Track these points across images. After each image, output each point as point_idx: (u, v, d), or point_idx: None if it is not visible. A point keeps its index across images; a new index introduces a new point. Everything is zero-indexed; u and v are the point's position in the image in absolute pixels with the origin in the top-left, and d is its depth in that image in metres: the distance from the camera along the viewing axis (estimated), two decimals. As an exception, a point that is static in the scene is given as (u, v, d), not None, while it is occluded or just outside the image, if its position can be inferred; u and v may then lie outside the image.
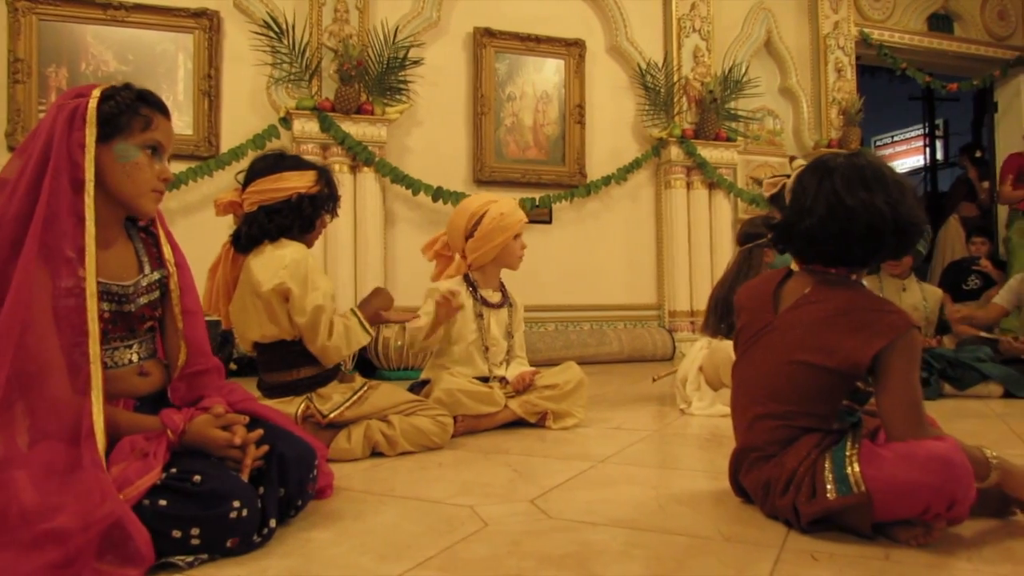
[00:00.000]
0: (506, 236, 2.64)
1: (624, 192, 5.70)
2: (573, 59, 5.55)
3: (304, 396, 2.13)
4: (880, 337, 1.34)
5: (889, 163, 1.46)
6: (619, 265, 5.68)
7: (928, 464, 1.25)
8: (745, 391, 1.52)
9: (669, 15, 5.78)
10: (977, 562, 1.26)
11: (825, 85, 6.25)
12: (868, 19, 6.60)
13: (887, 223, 1.35)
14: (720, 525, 1.47)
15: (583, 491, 1.76)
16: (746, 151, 5.98)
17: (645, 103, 5.67)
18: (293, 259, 2.07)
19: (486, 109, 5.31)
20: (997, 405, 3.11)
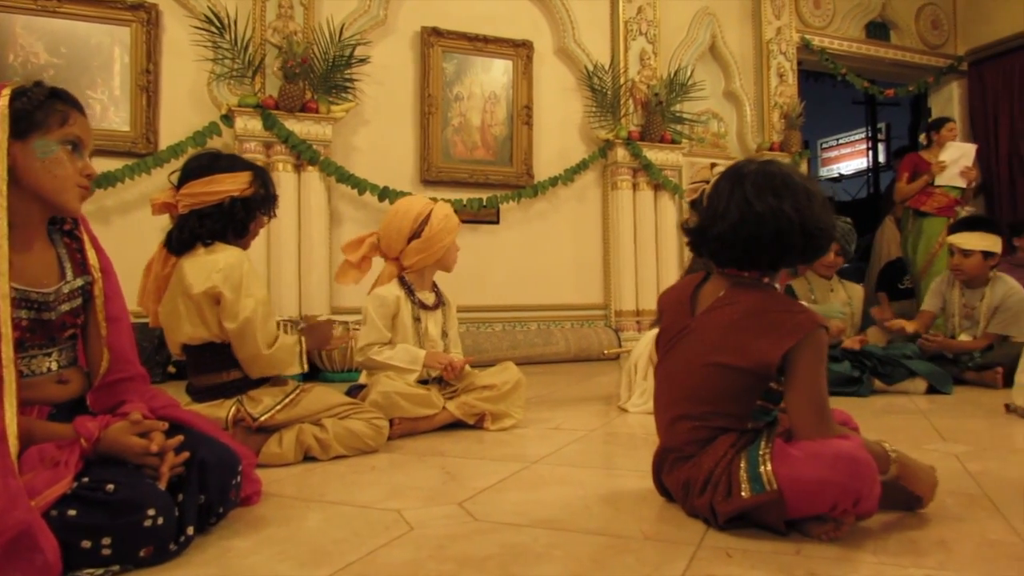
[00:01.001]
0: (451, 238, 2.66)
1: (571, 193, 5.74)
2: (521, 60, 5.57)
3: (234, 399, 2.10)
4: (789, 337, 1.38)
5: (801, 170, 1.51)
6: (566, 265, 5.72)
7: (835, 463, 1.30)
8: (665, 392, 1.56)
9: (616, 18, 5.84)
10: (882, 555, 1.31)
11: (767, 89, 6.39)
12: (809, 26, 6.77)
13: (794, 228, 1.40)
14: (642, 524, 1.50)
15: (512, 492, 1.77)
16: (691, 153, 6.09)
17: (592, 105, 5.72)
18: (227, 263, 2.03)
19: (433, 109, 5.29)
20: (922, 401, 3.22)
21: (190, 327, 2.06)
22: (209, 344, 2.09)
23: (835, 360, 3.43)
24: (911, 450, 2.16)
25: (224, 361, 2.10)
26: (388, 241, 2.65)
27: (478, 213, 5.35)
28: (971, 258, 3.69)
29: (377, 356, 2.52)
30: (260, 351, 2.07)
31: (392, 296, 2.59)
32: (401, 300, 2.60)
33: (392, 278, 2.65)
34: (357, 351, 2.53)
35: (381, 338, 2.55)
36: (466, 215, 5.32)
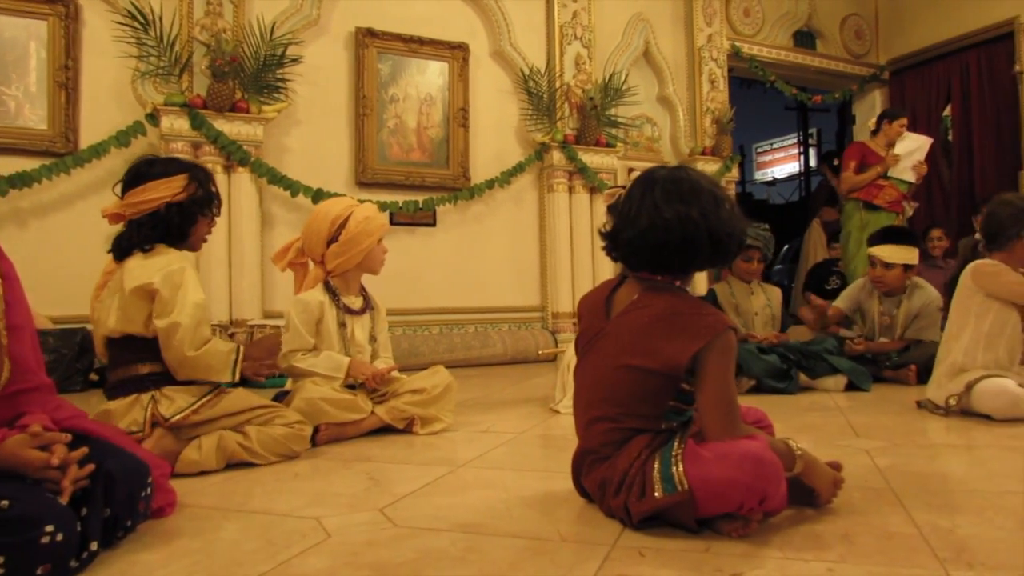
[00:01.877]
0: (371, 240, 2.61)
1: (508, 195, 5.76)
2: (457, 62, 5.57)
3: (150, 395, 2.05)
4: (698, 339, 1.42)
5: (710, 176, 1.54)
6: (503, 267, 5.74)
7: (742, 463, 1.34)
8: (583, 395, 1.58)
9: (552, 22, 5.89)
10: (787, 549, 1.35)
11: (700, 95, 6.54)
12: (739, 33, 6.95)
13: (701, 233, 1.43)
14: (560, 526, 1.51)
15: (436, 497, 1.77)
16: (626, 157, 6.18)
17: (528, 108, 5.76)
18: (167, 264, 2.03)
19: (368, 110, 5.24)
20: (841, 399, 3.33)
21: (114, 320, 2.04)
22: (128, 337, 2.05)
23: (764, 352, 3.55)
24: (826, 446, 2.25)
25: (140, 355, 2.06)
26: (309, 245, 2.61)
27: (414, 215, 5.33)
28: (892, 271, 3.81)
29: (300, 363, 2.48)
30: (185, 353, 2.02)
31: (315, 301, 2.55)
32: (325, 305, 2.56)
33: (318, 282, 2.61)
34: (280, 357, 2.48)
35: (304, 344, 2.52)
36: (402, 217, 5.31)
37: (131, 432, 1.98)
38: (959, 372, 2.73)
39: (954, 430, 2.53)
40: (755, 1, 7.08)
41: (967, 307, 2.79)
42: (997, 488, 1.78)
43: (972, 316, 2.76)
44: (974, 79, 7.10)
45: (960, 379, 2.70)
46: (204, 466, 2.01)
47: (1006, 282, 2.70)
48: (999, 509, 1.58)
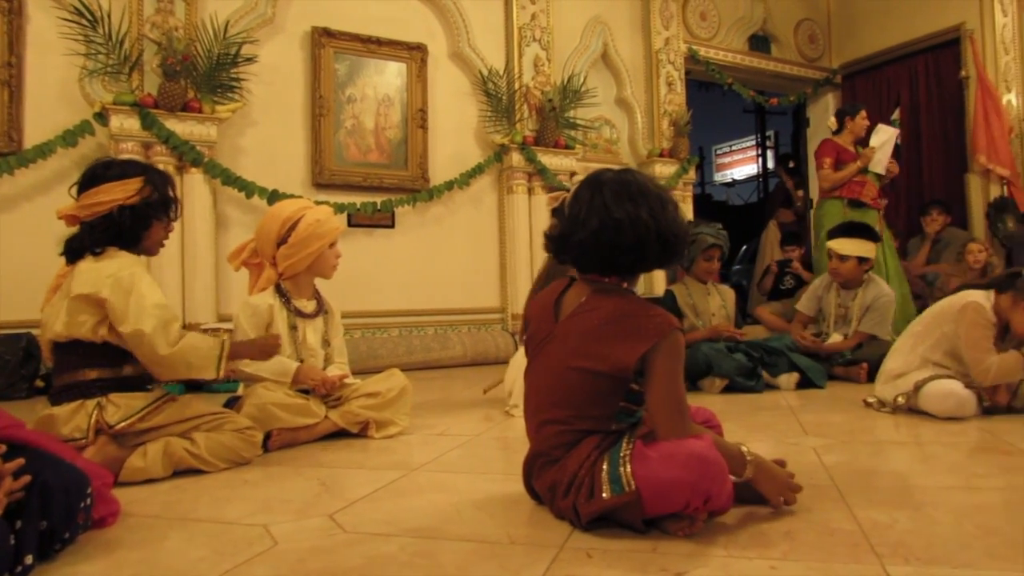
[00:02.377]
0: (322, 244, 2.58)
1: (467, 197, 5.75)
2: (415, 63, 5.54)
3: (95, 401, 2.00)
4: (645, 340, 1.43)
5: (654, 179, 1.56)
6: (463, 269, 5.73)
7: (687, 463, 1.36)
8: (533, 398, 1.58)
9: (510, 24, 5.90)
10: (731, 548, 1.37)
11: (657, 97, 6.60)
12: (696, 37, 7.04)
13: (651, 233, 1.45)
14: (511, 528, 1.52)
15: (387, 502, 1.76)
16: (584, 158, 6.20)
17: (487, 109, 5.76)
18: (116, 270, 2.00)
19: (325, 111, 5.19)
20: (792, 397, 3.40)
21: (60, 325, 2.00)
22: (75, 342, 2.01)
23: (732, 351, 3.63)
24: (776, 445, 2.29)
25: (87, 360, 2.02)
26: (261, 245, 2.58)
27: (373, 217, 5.29)
28: (847, 263, 3.91)
29: (246, 367, 2.43)
30: (159, 352, 1.99)
31: (264, 305, 2.51)
32: (275, 308, 2.52)
33: (271, 283, 2.57)
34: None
35: None
36: (360, 219, 5.26)
37: (73, 439, 1.94)
38: (905, 373, 2.80)
39: (900, 427, 2.59)
40: (711, 5, 7.18)
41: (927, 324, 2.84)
42: (937, 484, 1.83)
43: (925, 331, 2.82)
44: (922, 83, 7.30)
45: (908, 378, 2.77)
46: (150, 474, 1.97)
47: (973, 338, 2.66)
48: (938, 505, 1.62)
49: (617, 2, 6.54)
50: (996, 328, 2.67)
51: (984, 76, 6.63)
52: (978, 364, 2.64)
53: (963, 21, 6.87)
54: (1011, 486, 1.79)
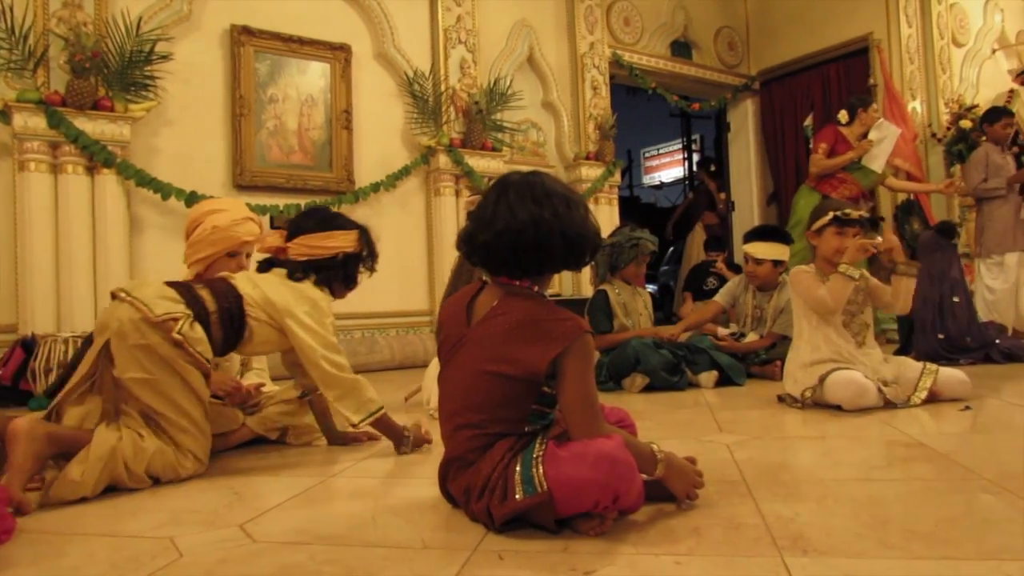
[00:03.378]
0: (214, 251, 2.50)
1: (394, 199, 5.71)
2: (339, 63, 5.46)
3: None
4: (556, 344, 1.45)
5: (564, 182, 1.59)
6: (390, 272, 5.66)
7: (597, 463, 1.38)
8: (447, 402, 1.58)
9: (436, 26, 5.88)
10: (641, 545, 1.40)
11: (583, 101, 6.69)
12: (620, 42, 7.16)
13: (554, 234, 1.47)
14: (425, 533, 1.51)
15: (301, 510, 1.73)
16: (512, 161, 6.23)
17: (413, 111, 5.72)
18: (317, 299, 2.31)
19: (246, 111, 5.06)
20: (711, 395, 3.49)
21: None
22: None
23: (658, 347, 3.72)
24: (692, 442, 2.35)
25: None
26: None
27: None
28: (763, 266, 4.06)
29: None
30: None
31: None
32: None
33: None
34: None
35: None
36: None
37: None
38: (809, 366, 2.91)
39: (809, 422, 2.69)
40: (634, 11, 7.31)
41: (800, 307, 3.03)
42: (839, 476, 1.91)
43: (804, 316, 2.98)
44: (835, 91, 7.60)
45: (813, 372, 2.88)
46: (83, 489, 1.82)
47: (803, 289, 2.95)
48: (838, 497, 1.69)
49: (542, 6, 6.60)
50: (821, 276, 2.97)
51: (891, 84, 6.95)
52: (817, 301, 2.90)
53: (871, 31, 7.20)
54: (906, 477, 1.88)
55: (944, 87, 7.28)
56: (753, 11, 8.28)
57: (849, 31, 7.40)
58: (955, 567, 1.23)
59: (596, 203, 6.60)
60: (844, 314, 2.96)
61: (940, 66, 7.26)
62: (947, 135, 7.10)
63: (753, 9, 8.28)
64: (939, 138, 7.14)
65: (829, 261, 2.96)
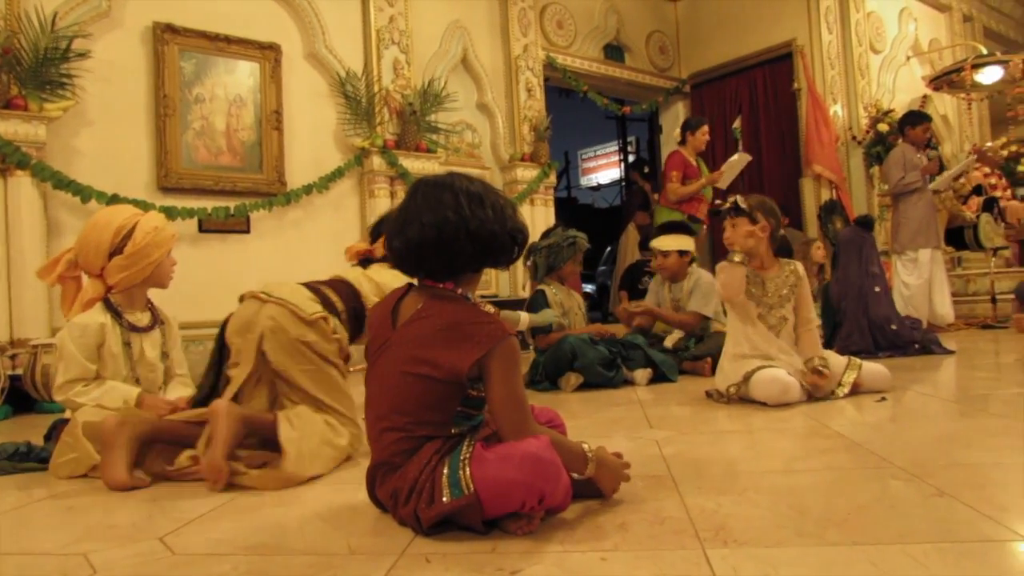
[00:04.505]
0: (161, 252, 2.43)
1: (327, 201, 5.62)
2: (269, 63, 5.35)
3: None
4: (479, 347, 1.45)
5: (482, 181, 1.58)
6: (325, 274, 5.54)
7: (522, 463, 1.39)
8: (373, 405, 1.57)
9: (368, 26, 5.82)
10: (568, 543, 1.41)
11: (518, 103, 6.72)
12: (554, 45, 7.22)
13: (459, 234, 1.47)
14: (352, 539, 1.49)
15: (224, 520, 1.68)
16: (447, 162, 6.22)
17: (346, 112, 5.66)
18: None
19: (171, 111, 4.91)
20: (644, 392, 3.56)
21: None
22: None
23: (595, 343, 3.79)
24: (624, 439, 2.39)
25: None
26: (86, 257, 2.37)
27: (226, 222, 5.06)
28: (670, 257, 4.27)
29: (80, 398, 2.24)
30: None
31: (95, 323, 2.32)
32: (107, 327, 2.34)
33: (95, 298, 2.37)
34: (56, 390, 2.25)
35: (85, 374, 2.28)
36: (212, 224, 5.03)
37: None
38: (735, 359, 2.99)
39: (735, 417, 2.76)
40: (567, 14, 7.39)
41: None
42: (761, 469, 1.97)
43: (730, 309, 3.08)
44: (761, 94, 7.84)
45: (738, 366, 2.96)
46: None
47: (720, 282, 3.04)
48: (759, 489, 1.74)
49: (476, 8, 6.61)
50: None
51: (814, 88, 7.21)
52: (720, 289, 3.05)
53: (794, 37, 7.44)
54: (824, 467, 1.95)
55: (863, 92, 7.58)
56: (683, 16, 8.46)
57: (774, 37, 7.63)
58: (865, 552, 1.28)
59: (532, 204, 6.64)
60: (761, 307, 3.04)
61: (859, 71, 7.56)
62: (866, 138, 7.40)
63: (683, 14, 8.47)
64: (859, 141, 7.43)
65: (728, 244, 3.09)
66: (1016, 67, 7.21)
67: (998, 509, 1.46)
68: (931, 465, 1.84)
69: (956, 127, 8.95)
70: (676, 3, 8.47)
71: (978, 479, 1.72)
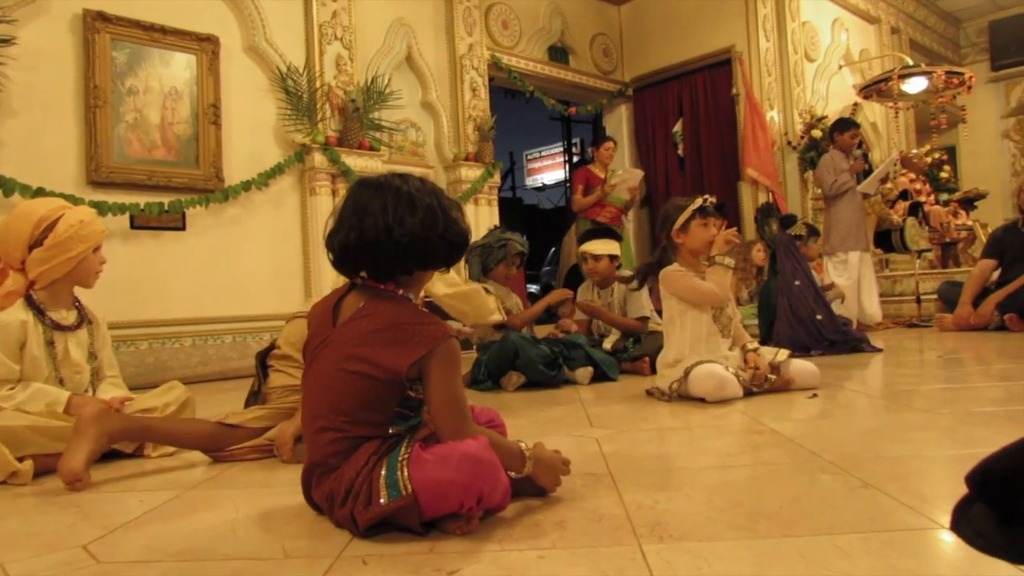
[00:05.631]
0: (85, 247, 2.33)
1: (267, 198, 5.51)
2: (206, 55, 5.22)
3: None
4: (418, 348, 1.44)
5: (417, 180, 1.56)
6: (264, 273, 5.47)
7: (460, 464, 1.38)
8: (309, 404, 1.54)
9: (310, 21, 5.73)
10: (505, 542, 1.41)
11: (462, 102, 6.70)
12: (499, 45, 7.23)
13: (380, 238, 1.46)
14: (287, 542, 1.47)
15: (154, 525, 1.63)
16: (391, 161, 6.16)
17: (287, 108, 5.55)
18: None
19: (101, 102, 4.74)
20: (586, 391, 3.59)
21: None
22: None
23: (537, 343, 3.80)
24: (565, 438, 2.40)
25: None
26: (6, 248, 2.27)
27: (160, 219, 4.92)
28: (601, 262, 4.32)
29: (3, 403, 2.15)
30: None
31: (16, 321, 2.22)
32: (28, 324, 2.24)
33: (17, 293, 2.28)
34: None
35: (9, 375, 2.18)
36: (145, 221, 4.88)
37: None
38: (677, 363, 3.05)
39: (674, 414, 2.81)
40: (512, 15, 7.41)
41: (672, 307, 3.14)
42: (698, 464, 2.00)
43: (676, 315, 3.11)
44: (701, 99, 7.99)
45: (679, 366, 3.02)
46: None
47: (681, 287, 3.07)
48: (695, 484, 1.78)
49: (421, 6, 6.57)
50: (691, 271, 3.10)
51: (751, 94, 7.39)
52: (703, 293, 3.03)
53: (733, 44, 7.61)
54: (758, 462, 2.00)
55: (798, 98, 7.80)
56: (626, 20, 8.57)
57: (713, 43, 7.80)
58: (794, 543, 1.31)
59: (476, 204, 6.63)
60: (714, 308, 3.10)
61: (795, 79, 7.78)
62: (801, 143, 7.62)
63: (626, 18, 8.58)
64: (794, 146, 7.64)
65: (696, 253, 3.10)
66: (939, 78, 7.52)
67: (919, 499, 1.52)
68: (858, 458, 1.90)
69: (884, 134, 9.29)
70: (620, 7, 8.58)
71: (901, 471, 1.78)
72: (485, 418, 1.77)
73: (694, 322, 3.07)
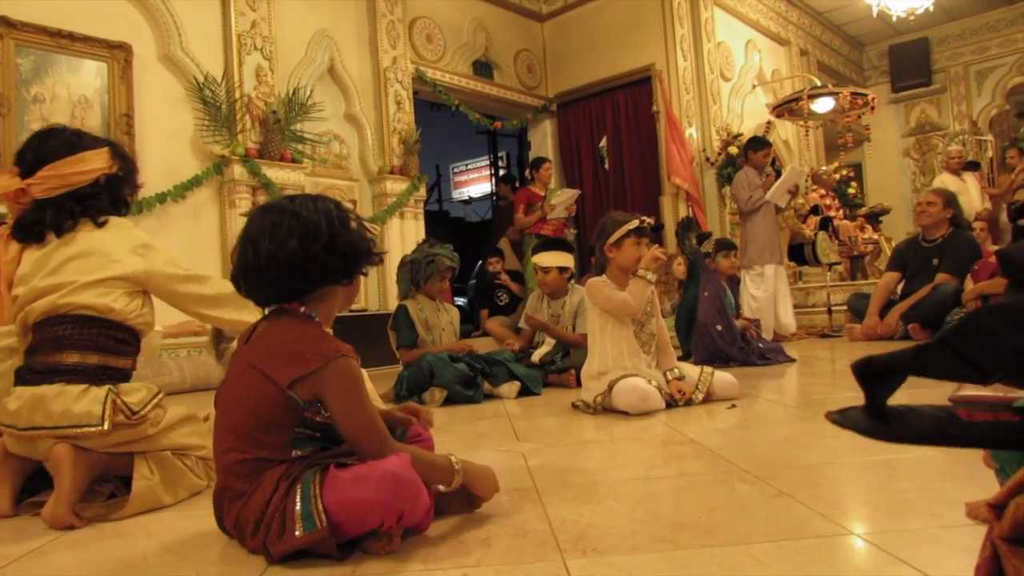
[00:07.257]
0: None
1: (184, 210, 5.34)
2: (118, 63, 5.04)
3: (106, 388, 1.87)
4: (303, 365, 1.42)
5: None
6: (180, 289, 5.27)
7: (379, 483, 1.36)
8: (217, 427, 1.50)
9: (228, 30, 5.60)
10: (430, 560, 1.40)
11: (387, 115, 6.67)
12: (423, 59, 7.23)
13: (259, 258, 1.44)
14: (201, 568, 1.42)
15: (60, 554, 1.55)
16: (314, 173, 6.08)
17: (204, 118, 5.40)
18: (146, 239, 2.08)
19: (5, 110, 4.52)
20: (512, 405, 3.60)
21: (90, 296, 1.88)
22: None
23: (456, 361, 3.76)
24: (491, 452, 2.40)
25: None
26: None
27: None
28: (550, 274, 4.33)
29: None
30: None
31: None
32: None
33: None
34: None
35: None
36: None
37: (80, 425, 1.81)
38: (602, 375, 3.09)
39: (599, 427, 2.84)
40: (436, 29, 7.43)
41: (595, 318, 3.19)
42: (621, 477, 2.03)
43: (598, 327, 3.16)
44: (624, 116, 8.18)
45: (603, 380, 3.06)
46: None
47: (600, 297, 3.13)
48: (619, 496, 1.80)
49: (344, 18, 6.51)
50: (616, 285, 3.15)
51: (671, 111, 7.61)
52: (619, 304, 3.08)
53: (653, 62, 7.83)
54: (679, 473, 2.04)
55: (715, 116, 8.08)
56: (549, 37, 8.71)
57: (635, 61, 8.00)
58: (712, 554, 1.35)
59: (402, 217, 6.59)
60: (634, 324, 3.16)
61: (711, 97, 8.05)
62: (718, 159, 7.88)
63: (549, 35, 8.71)
64: (712, 162, 7.90)
65: (626, 270, 3.15)
66: (845, 98, 7.92)
67: (830, 506, 1.59)
68: (774, 467, 1.97)
69: (796, 152, 9.71)
70: (543, 24, 8.71)
71: (813, 479, 1.85)
72: (412, 433, 1.76)
73: (615, 335, 3.13)
